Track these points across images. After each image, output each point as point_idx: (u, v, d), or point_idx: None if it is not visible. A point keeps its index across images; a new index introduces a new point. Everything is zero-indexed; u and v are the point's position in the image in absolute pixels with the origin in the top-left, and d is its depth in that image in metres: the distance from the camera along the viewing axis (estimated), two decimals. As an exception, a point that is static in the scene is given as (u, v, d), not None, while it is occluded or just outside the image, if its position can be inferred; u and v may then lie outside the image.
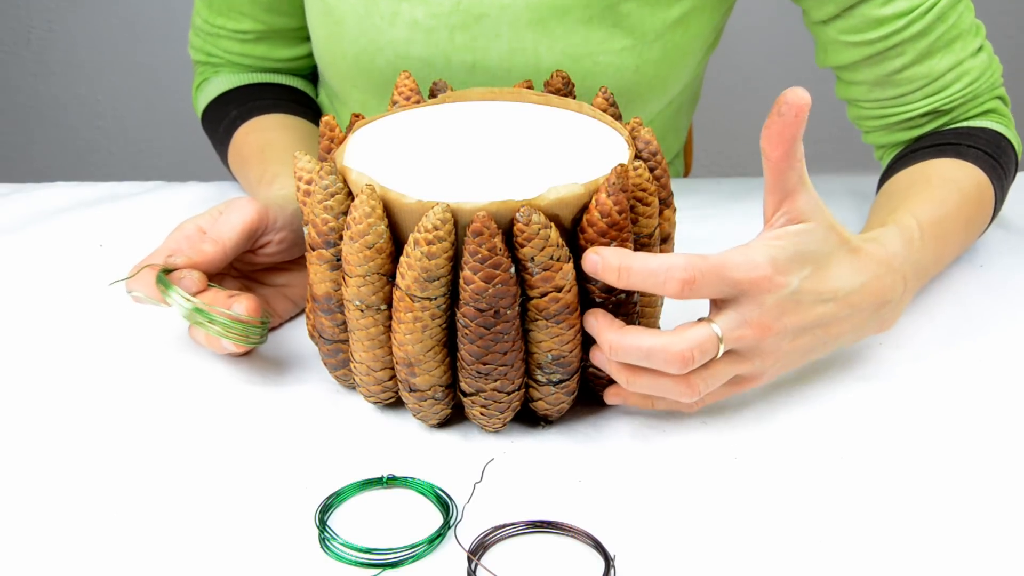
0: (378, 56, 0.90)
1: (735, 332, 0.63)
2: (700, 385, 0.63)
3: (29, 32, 2.26)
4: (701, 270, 0.61)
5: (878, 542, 0.59)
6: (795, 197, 0.64)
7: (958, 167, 0.83)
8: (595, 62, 0.88)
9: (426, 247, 0.59)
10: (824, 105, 1.25)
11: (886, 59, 0.85)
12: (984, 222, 0.85)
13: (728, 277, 0.62)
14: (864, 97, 0.89)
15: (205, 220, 0.74)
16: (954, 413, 0.69)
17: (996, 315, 0.80)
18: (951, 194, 0.80)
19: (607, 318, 0.63)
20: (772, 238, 0.64)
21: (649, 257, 0.61)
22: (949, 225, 0.79)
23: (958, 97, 0.86)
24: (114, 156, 2.38)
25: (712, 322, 0.62)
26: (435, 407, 0.66)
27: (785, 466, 0.65)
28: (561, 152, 0.68)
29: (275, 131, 0.94)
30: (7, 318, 0.81)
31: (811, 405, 0.70)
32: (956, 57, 0.85)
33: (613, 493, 0.63)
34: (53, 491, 0.63)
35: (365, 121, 0.72)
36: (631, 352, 0.61)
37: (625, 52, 0.87)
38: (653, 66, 0.89)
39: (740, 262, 0.62)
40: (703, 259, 0.61)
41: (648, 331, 0.62)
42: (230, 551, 0.59)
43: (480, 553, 0.58)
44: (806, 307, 0.65)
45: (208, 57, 1.02)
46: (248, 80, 1.02)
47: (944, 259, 0.80)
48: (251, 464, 0.65)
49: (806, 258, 0.64)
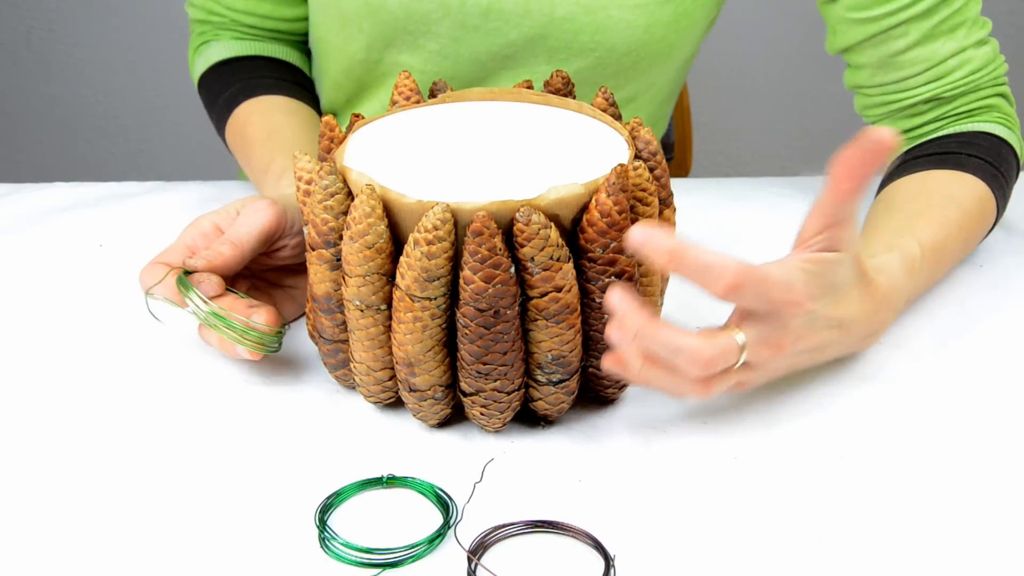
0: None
1: (755, 347, 0.63)
2: (715, 388, 0.63)
3: (29, 32, 2.26)
4: (750, 279, 0.61)
5: (878, 542, 0.59)
6: (842, 227, 0.64)
7: (959, 181, 0.83)
8: (608, 15, 0.88)
9: (426, 247, 0.59)
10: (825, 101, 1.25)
11: (890, 38, 0.86)
12: (982, 235, 0.85)
13: (768, 293, 0.62)
14: (868, 82, 0.90)
15: (222, 219, 0.74)
16: (954, 413, 0.69)
17: (996, 315, 0.80)
18: (953, 214, 0.81)
19: (635, 301, 0.61)
20: (808, 262, 0.64)
21: (702, 250, 0.60)
22: (949, 247, 0.80)
23: (960, 85, 0.87)
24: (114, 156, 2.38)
25: (739, 332, 0.63)
26: (435, 407, 0.66)
27: (785, 466, 0.65)
28: (561, 152, 0.68)
29: (281, 115, 0.94)
30: (7, 318, 0.81)
31: (811, 405, 0.70)
32: (959, 44, 0.86)
33: (613, 493, 0.63)
34: (53, 491, 0.63)
35: (365, 121, 0.72)
36: (659, 344, 0.61)
37: (639, 8, 0.88)
38: (663, 28, 0.90)
39: (779, 281, 0.62)
40: (751, 268, 0.61)
41: (676, 328, 0.61)
42: (230, 551, 0.59)
43: (480, 553, 0.58)
44: (817, 331, 0.66)
45: (209, 15, 1.01)
46: (251, 51, 1.00)
47: (935, 280, 0.81)
48: (251, 464, 0.65)
49: (832, 287, 0.65)
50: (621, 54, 0.91)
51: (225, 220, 0.74)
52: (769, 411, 0.69)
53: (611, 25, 0.89)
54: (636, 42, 0.90)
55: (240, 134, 0.94)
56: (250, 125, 0.93)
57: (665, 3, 0.89)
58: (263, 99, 0.96)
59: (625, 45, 0.90)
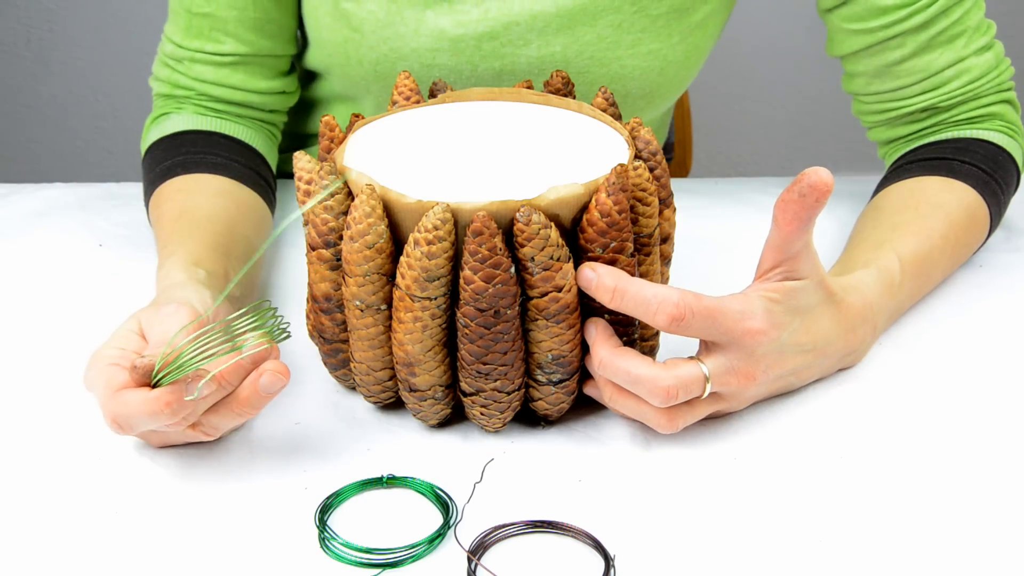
0: (400, 64, 0.88)
1: (722, 378, 0.64)
2: (679, 420, 0.64)
3: (29, 32, 2.26)
4: (693, 310, 0.62)
5: (878, 542, 0.59)
6: (798, 259, 0.65)
7: (948, 188, 0.82)
8: (622, 65, 0.88)
9: (426, 247, 0.59)
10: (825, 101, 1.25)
11: (886, 49, 0.86)
12: (975, 244, 0.85)
13: (722, 324, 0.63)
14: (864, 90, 0.90)
15: (146, 318, 0.66)
16: (954, 413, 0.69)
17: (996, 315, 0.80)
18: (938, 224, 0.80)
19: (606, 332, 0.64)
20: (769, 291, 0.65)
21: (645, 285, 0.62)
22: (934, 259, 0.79)
23: (958, 95, 0.86)
24: (114, 156, 2.37)
25: (702, 363, 0.64)
26: (435, 407, 0.66)
27: (785, 466, 0.65)
28: (561, 152, 0.68)
29: (206, 196, 0.83)
30: (7, 318, 0.81)
31: (810, 406, 0.70)
32: (957, 54, 0.85)
33: (613, 493, 0.63)
34: (52, 491, 0.63)
35: (365, 121, 0.71)
36: (619, 374, 0.63)
37: (651, 55, 0.88)
38: (675, 67, 0.90)
39: (737, 311, 0.63)
40: (697, 299, 0.62)
41: (640, 358, 0.63)
42: (230, 551, 0.59)
43: (480, 553, 0.58)
44: (788, 357, 0.67)
45: (174, 88, 0.92)
46: (210, 126, 0.90)
47: (923, 292, 0.80)
48: (251, 464, 0.65)
49: (796, 312, 0.66)
50: (636, 97, 0.91)
51: (148, 321, 0.65)
52: (768, 411, 0.69)
53: (626, 74, 0.89)
54: (651, 85, 0.90)
55: (156, 209, 0.84)
56: (169, 201, 0.83)
57: (677, 44, 0.89)
58: (199, 177, 0.86)
59: (640, 90, 0.90)
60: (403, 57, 0.88)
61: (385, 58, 0.88)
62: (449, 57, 0.87)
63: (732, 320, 0.63)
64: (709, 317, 0.62)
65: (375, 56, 0.88)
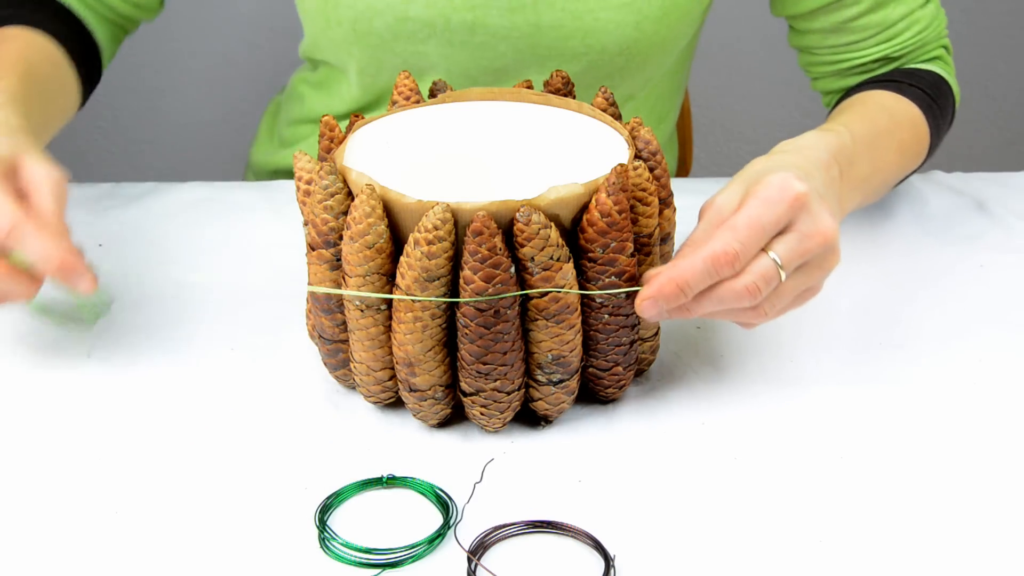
0: (376, 19, 0.90)
1: (800, 246, 0.62)
2: (769, 310, 0.63)
3: (29, 32, 2.26)
4: (741, 240, 0.61)
5: (878, 542, 0.59)
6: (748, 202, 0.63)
7: (895, 99, 0.87)
8: (596, 18, 0.89)
9: (426, 247, 0.59)
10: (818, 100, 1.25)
11: (843, 7, 0.89)
12: (918, 154, 0.87)
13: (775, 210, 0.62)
14: (819, 44, 0.93)
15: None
16: (954, 413, 0.69)
17: (996, 315, 0.80)
18: (882, 115, 0.84)
19: (666, 267, 0.62)
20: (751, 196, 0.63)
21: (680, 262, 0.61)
22: (881, 141, 0.81)
23: (908, 44, 0.91)
24: (114, 156, 2.37)
25: (768, 251, 0.62)
26: (435, 407, 0.66)
27: (785, 466, 0.65)
28: (561, 152, 0.68)
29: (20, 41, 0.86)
30: (7, 318, 0.81)
31: (810, 405, 0.70)
32: (908, 7, 0.90)
33: (613, 493, 0.63)
34: (52, 491, 0.63)
35: (365, 121, 0.71)
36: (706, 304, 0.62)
37: (626, 7, 0.89)
38: (652, 23, 0.90)
39: (776, 187, 0.62)
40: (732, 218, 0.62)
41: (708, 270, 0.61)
42: (230, 551, 0.59)
43: (480, 553, 0.58)
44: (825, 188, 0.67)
45: None
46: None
47: (879, 172, 0.80)
48: (251, 464, 0.65)
49: (793, 165, 0.66)
50: (613, 55, 0.91)
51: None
52: (768, 411, 0.69)
53: (600, 27, 0.89)
54: (627, 40, 0.90)
55: None
56: None
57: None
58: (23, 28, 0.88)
59: (616, 45, 0.90)
60: (378, 12, 0.90)
61: (361, 15, 0.90)
62: (422, 9, 0.89)
63: (778, 193, 0.62)
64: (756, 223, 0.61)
65: (352, 14, 0.90)
